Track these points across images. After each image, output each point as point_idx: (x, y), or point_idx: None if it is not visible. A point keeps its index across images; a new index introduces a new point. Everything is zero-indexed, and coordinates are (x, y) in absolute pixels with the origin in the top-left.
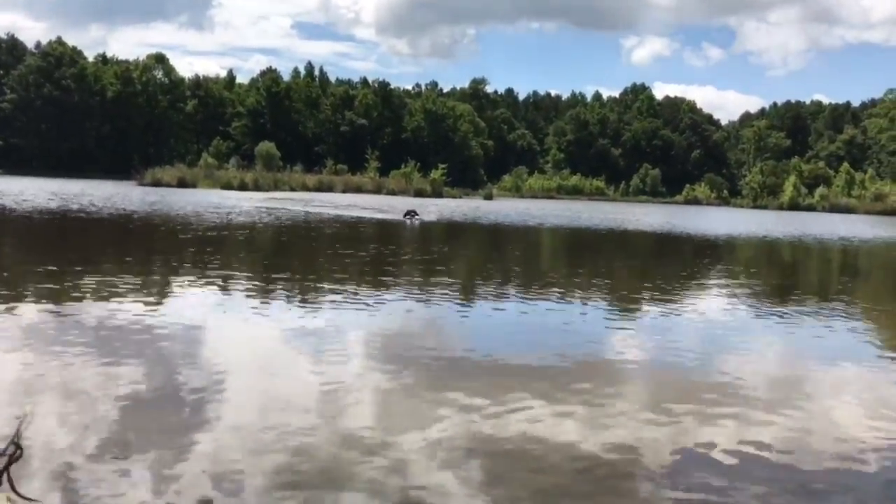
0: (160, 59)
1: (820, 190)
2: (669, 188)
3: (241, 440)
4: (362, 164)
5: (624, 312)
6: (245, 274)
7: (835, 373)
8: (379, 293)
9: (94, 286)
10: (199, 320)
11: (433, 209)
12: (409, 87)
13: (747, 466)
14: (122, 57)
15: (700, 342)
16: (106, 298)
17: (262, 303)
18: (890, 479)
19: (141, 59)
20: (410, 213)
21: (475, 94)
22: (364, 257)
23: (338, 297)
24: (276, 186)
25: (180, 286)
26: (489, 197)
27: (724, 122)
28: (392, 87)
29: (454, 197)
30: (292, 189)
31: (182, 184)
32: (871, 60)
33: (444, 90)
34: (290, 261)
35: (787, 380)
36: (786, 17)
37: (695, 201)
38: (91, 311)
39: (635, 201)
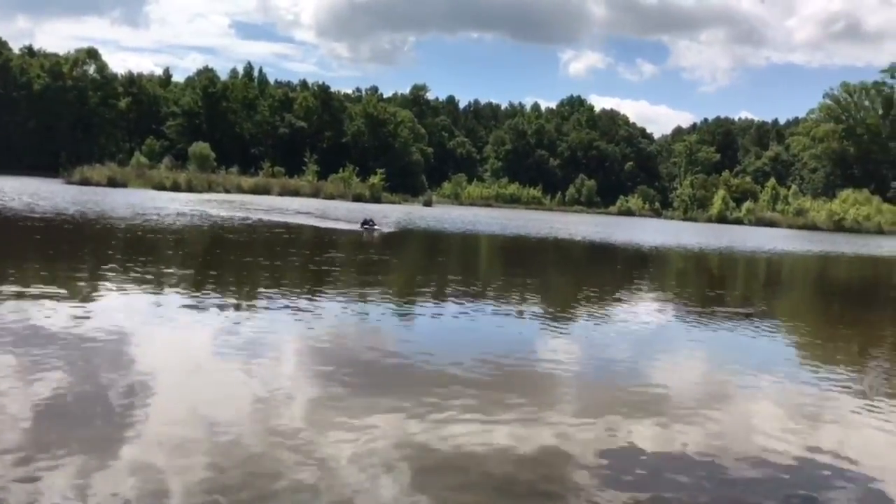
0: (92, 54)
1: (747, 204)
2: (604, 199)
3: (165, 447)
4: (300, 167)
5: (554, 320)
6: (183, 281)
7: (753, 381)
8: (319, 300)
9: (15, 289)
10: (127, 326)
11: (390, 218)
12: (350, 91)
13: (671, 468)
14: (50, 50)
15: (628, 350)
16: (29, 300)
17: (194, 309)
18: (799, 479)
19: (71, 52)
20: (368, 223)
21: (416, 100)
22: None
23: (275, 305)
24: (209, 188)
25: (107, 291)
26: (428, 203)
27: (656, 135)
28: (332, 90)
29: (393, 202)
30: (227, 191)
31: (112, 183)
32: (794, 81)
33: (385, 95)
34: (232, 272)
35: (709, 387)
36: (715, 37)
37: (628, 212)
38: (9, 315)
39: (571, 211)
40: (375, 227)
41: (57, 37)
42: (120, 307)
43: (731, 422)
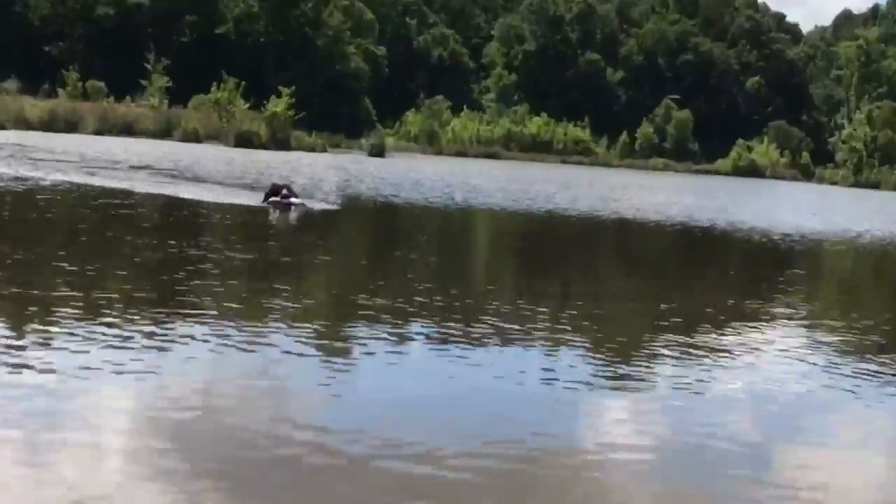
0: None
1: None
2: (707, 145)
3: None
4: (137, 81)
5: (614, 369)
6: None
7: None
8: (179, 337)
9: None
10: None
11: (331, 182)
12: None
13: None
14: None
15: (751, 430)
16: None
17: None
18: None
19: None
20: (280, 195)
21: None
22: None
23: (94, 344)
24: None
25: None
26: (379, 151)
27: (805, 28)
28: None
29: (310, 149)
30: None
31: None
32: None
33: None
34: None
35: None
36: None
37: (751, 170)
38: None
39: (644, 167)
40: (294, 200)
41: None
42: None
43: None
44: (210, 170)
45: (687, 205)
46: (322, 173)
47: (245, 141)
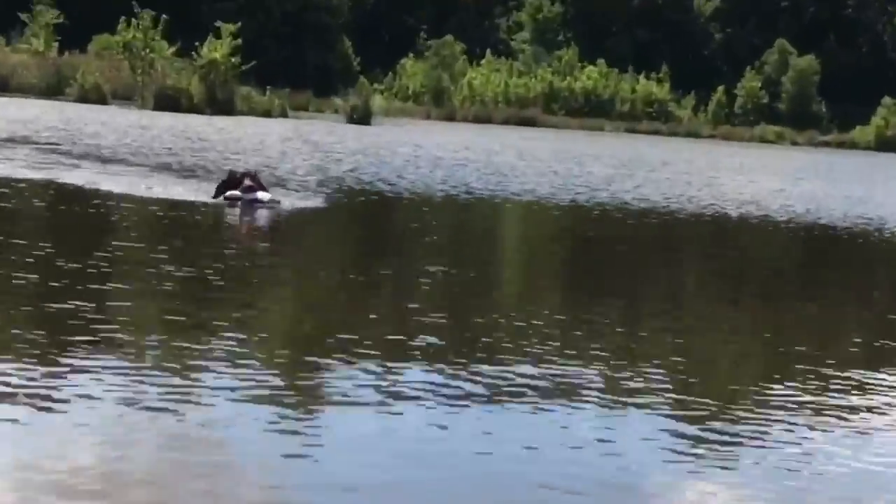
0: None
1: None
2: (840, 107)
3: None
4: (11, 15)
5: (711, 445)
6: None
7: None
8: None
9: None
10: None
11: (301, 164)
12: None
13: None
14: None
15: None
16: None
17: None
18: None
19: None
20: (239, 188)
21: None
22: None
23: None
24: None
25: None
26: (363, 115)
27: None
28: None
29: (263, 113)
30: None
31: None
32: None
33: None
34: None
35: None
36: None
37: None
38: None
39: (750, 138)
40: (260, 195)
41: None
42: None
43: None
44: (122, 145)
45: (809, 193)
46: (285, 149)
47: (169, 102)
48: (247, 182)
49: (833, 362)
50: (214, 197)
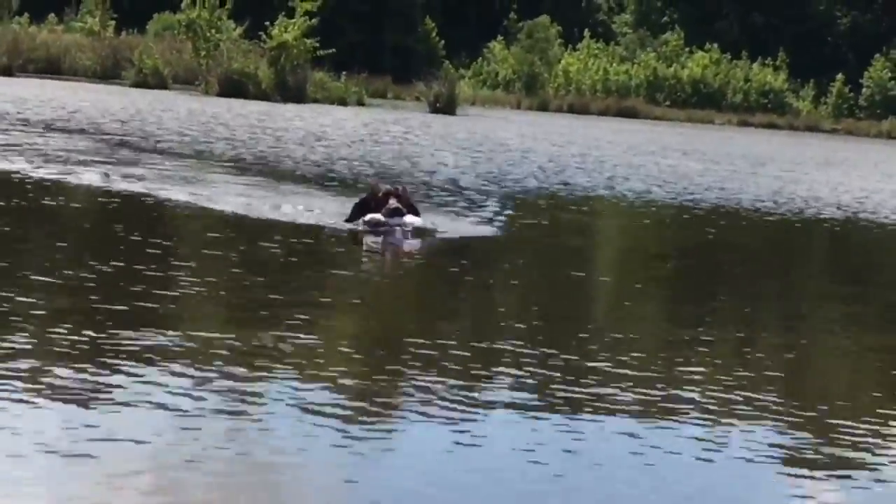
0: None
1: None
2: None
3: None
4: None
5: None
6: None
7: None
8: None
9: None
10: None
11: (459, 164)
12: None
13: None
14: None
15: None
16: None
17: None
18: None
19: None
20: (382, 211)
21: None
22: None
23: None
24: None
25: None
26: (447, 104)
27: None
28: None
29: (338, 101)
30: None
31: None
32: None
33: None
34: None
35: None
36: None
37: None
38: None
39: (878, 134)
40: (409, 220)
41: None
42: None
43: None
44: (208, 141)
45: None
46: (404, 144)
47: (235, 87)
48: (392, 203)
49: None
50: (349, 220)
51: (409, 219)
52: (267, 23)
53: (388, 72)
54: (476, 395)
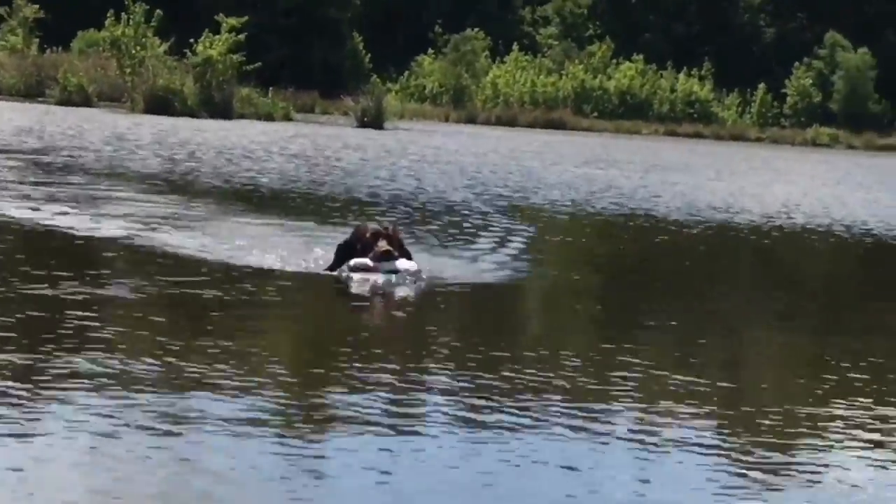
0: None
1: None
2: None
3: None
4: None
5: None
6: None
7: None
8: None
9: None
10: None
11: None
12: None
13: None
14: None
15: None
16: None
17: None
18: None
19: None
20: (371, 255)
21: None
22: None
23: None
24: None
25: None
26: (375, 117)
27: None
28: None
29: (264, 117)
30: None
31: None
32: None
33: None
34: None
35: None
36: None
37: None
38: None
39: (802, 142)
40: (402, 265)
41: None
42: None
43: None
44: (157, 162)
45: (860, 201)
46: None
47: (160, 104)
48: (381, 245)
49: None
50: (331, 269)
51: (402, 263)
52: (192, 39)
53: (316, 87)
54: (409, 411)
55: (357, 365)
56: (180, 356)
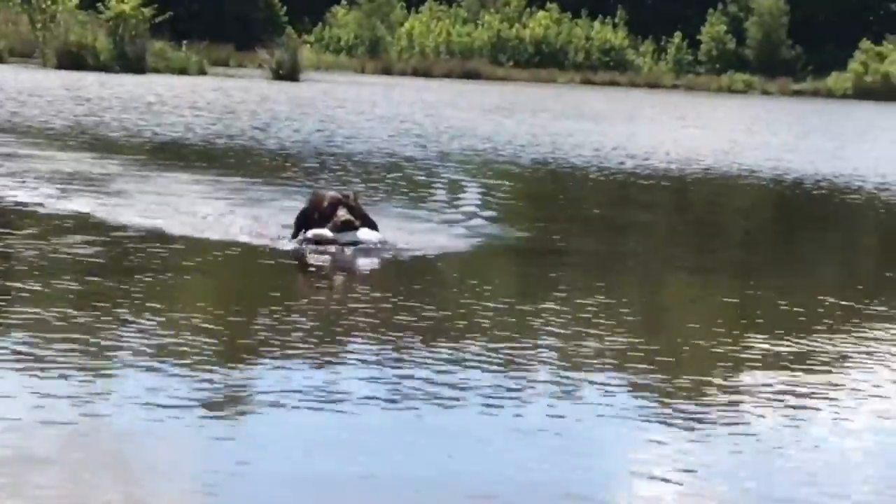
0: None
1: None
2: (814, 53)
3: None
4: None
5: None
6: None
7: None
8: None
9: None
10: None
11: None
12: None
13: None
14: None
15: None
16: None
17: None
18: None
19: None
20: (331, 222)
21: None
22: None
23: None
24: None
25: None
26: (290, 70)
27: None
28: None
29: (178, 71)
30: None
31: None
32: None
33: None
34: None
35: None
36: None
37: (887, 90)
38: None
39: (717, 88)
40: (365, 235)
41: None
42: None
43: None
44: (42, 117)
45: (780, 147)
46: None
47: (73, 59)
48: (341, 214)
49: (813, 337)
50: (293, 239)
51: (364, 233)
52: None
53: (230, 39)
54: (343, 387)
55: (278, 339)
56: (90, 329)
